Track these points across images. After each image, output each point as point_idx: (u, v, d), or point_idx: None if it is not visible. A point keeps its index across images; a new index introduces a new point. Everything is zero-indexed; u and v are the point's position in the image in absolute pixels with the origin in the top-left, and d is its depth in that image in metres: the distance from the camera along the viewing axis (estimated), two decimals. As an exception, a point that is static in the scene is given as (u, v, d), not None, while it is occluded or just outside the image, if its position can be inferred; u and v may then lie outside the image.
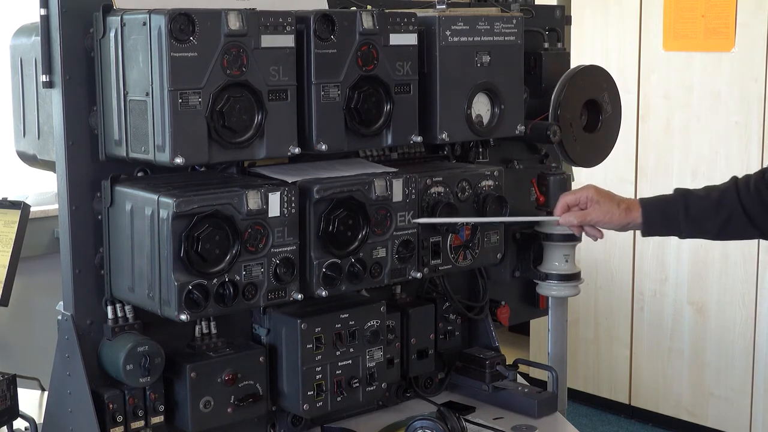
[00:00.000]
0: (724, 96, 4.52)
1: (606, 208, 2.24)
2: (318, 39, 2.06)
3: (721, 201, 2.20)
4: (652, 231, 2.26)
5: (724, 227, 2.21)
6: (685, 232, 2.24)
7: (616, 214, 2.24)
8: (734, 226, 2.21)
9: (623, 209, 2.25)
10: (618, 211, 2.24)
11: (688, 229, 2.23)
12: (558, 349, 2.80)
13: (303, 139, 2.08)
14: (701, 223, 2.22)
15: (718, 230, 2.23)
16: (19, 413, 2.15)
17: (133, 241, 1.96)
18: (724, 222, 2.20)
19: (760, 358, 4.51)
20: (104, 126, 2.01)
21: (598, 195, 2.26)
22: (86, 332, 2.05)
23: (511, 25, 2.41)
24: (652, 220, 2.24)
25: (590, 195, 2.26)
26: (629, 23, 4.81)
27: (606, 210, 2.24)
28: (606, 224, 2.26)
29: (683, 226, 2.22)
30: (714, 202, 2.21)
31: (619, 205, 2.25)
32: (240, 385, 2.12)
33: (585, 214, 2.26)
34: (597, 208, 2.25)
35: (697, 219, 2.21)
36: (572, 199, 2.29)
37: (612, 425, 5.00)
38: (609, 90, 2.73)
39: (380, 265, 2.17)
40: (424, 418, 2.28)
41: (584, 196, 2.27)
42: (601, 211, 2.24)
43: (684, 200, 2.23)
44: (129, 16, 1.92)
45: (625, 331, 4.98)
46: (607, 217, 2.24)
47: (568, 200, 2.30)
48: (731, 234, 2.25)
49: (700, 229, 2.23)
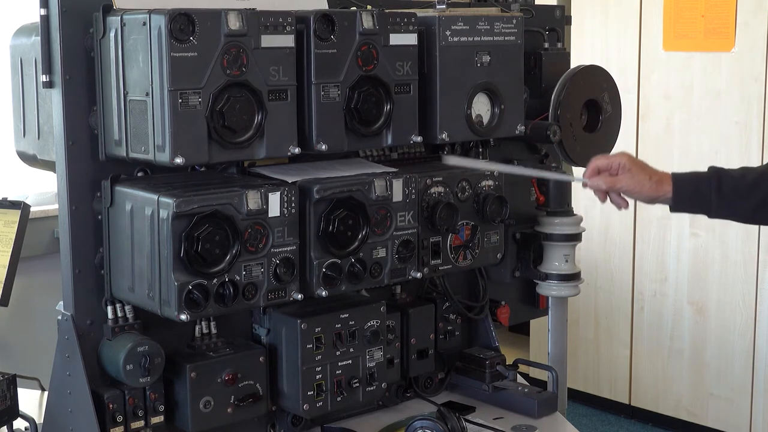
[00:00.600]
0: (724, 96, 4.52)
1: (638, 178, 2.18)
2: (318, 39, 2.06)
3: (757, 184, 2.15)
4: (680, 207, 2.20)
5: (757, 210, 2.16)
6: (715, 211, 2.18)
7: (647, 186, 2.18)
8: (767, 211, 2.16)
9: (655, 181, 2.18)
10: (649, 183, 2.18)
11: (719, 208, 2.17)
12: (558, 349, 2.80)
13: (303, 139, 2.08)
14: (733, 204, 2.16)
15: (751, 213, 2.17)
16: (19, 413, 2.15)
17: (133, 241, 1.96)
18: (758, 205, 2.15)
19: (760, 358, 4.51)
20: (104, 126, 2.01)
21: (631, 163, 2.19)
22: (86, 332, 2.05)
23: (511, 25, 2.41)
24: (683, 195, 2.18)
25: (623, 162, 2.19)
26: (629, 23, 4.81)
27: (638, 180, 2.17)
28: (635, 194, 2.19)
29: (714, 204, 2.17)
30: (749, 183, 2.15)
31: (651, 177, 2.18)
32: (240, 385, 2.12)
33: (615, 181, 2.18)
34: (629, 176, 2.17)
35: (730, 199, 2.15)
36: (604, 163, 2.21)
37: (612, 425, 5.00)
38: (609, 90, 2.73)
39: (380, 265, 2.17)
40: (424, 418, 2.28)
41: (617, 162, 2.19)
42: (633, 181, 2.17)
43: (718, 178, 2.17)
44: (129, 16, 1.92)
45: (625, 331, 4.98)
46: (637, 187, 2.17)
47: (599, 164, 2.21)
48: (763, 219, 2.21)
49: (731, 209, 2.18)
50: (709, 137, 4.57)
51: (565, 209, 2.64)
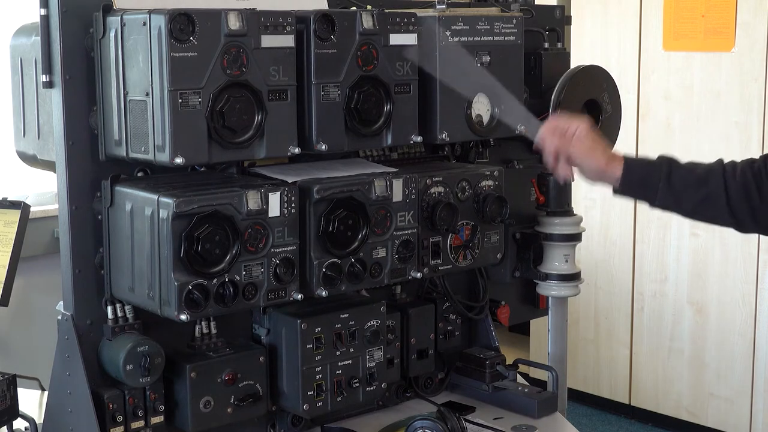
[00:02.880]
0: (724, 96, 4.52)
1: (592, 147, 2.12)
2: (318, 39, 2.06)
3: (705, 178, 2.11)
4: (626, 191, 2.15)
5: (700, 205, 2.12)
6: (660, 200, 2.14)
7: (597, 158, 2.11)
8: (711, 207, 2.12)
9: (607, 156, 2.13)
10: (601, 156, 2.12)
11: (664, 198, 2.13)
12: (558, 349, 2.80)
13: (303, 139, 2.08)
14: (679, 196, 2.12)
15: (694, 207, 2.14)
16: (19, 413, 2.15)
17: (133, 241, 1.96)
18: (702, 200, 2.11)
19: (760, 358, 4.51)
20: (104, 126, 2.01)
21: (587, 132, 2.13)
22: (86, 332, 2.05)
23: (511, 25, 2.41)
24: (631, 179, 2.12)
25: (581, 128, 2.12)
26: (629, 23, 4.81)
27: (591, 150, 2.12)
28: (584, 163, 2.13)
29: (660, 194, 2.12)
30: (698, 177, 2.12)
31: (604, 152, 2.13)
32: (240, 385, 2.12)
33: (568, 144, 2.12)
34: (583, 144, 2.12)
35: (677, 191, 2.12)
36: (563, 124, 2.15)
37: (612, 425, 5.00)
38: (609, 90, 2.73)
39: (380, 265, 2.17)
40: (424, 418, 2.28)
41: (575, 126, 2.13)
42: (585, 149, 2.12)
43: (669, 168, 2.13)
44: (129, 16, 1.92)
45: (625, 331, 4.98)
46: (588, 157, 2.11)
47: (559, 123, 2.16)
48: (705, 214, 2.17)
49: (676, 201, 2.14)
50: (709, 137, 4.57)
51: (565, 209, 2.64)
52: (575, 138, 2.13)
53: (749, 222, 2.13)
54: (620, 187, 2.14)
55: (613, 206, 4.95)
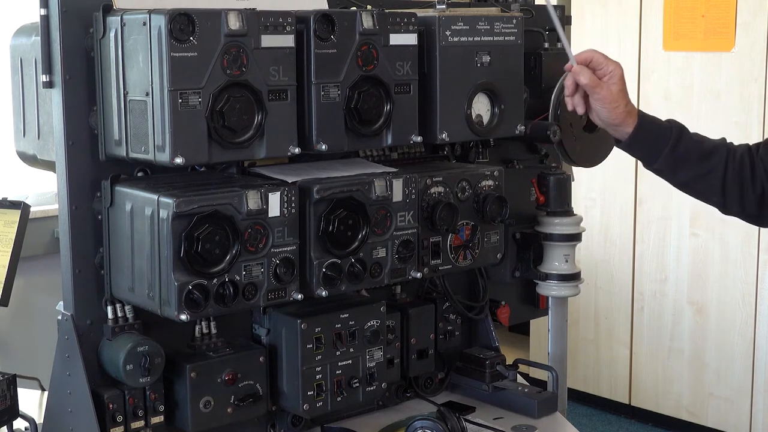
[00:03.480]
0: (724, 96, 4.52)
1: (617, 95, 2.12)
2: (318, 39, 2.06)
3: (710, 153, 2.13)
4: (630, 149, 2.16)
5: (696, 180, 2.14)
6: (658, 165, 2.15)
7: (619, 109, 2.13)
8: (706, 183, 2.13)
9: (626, 111, 2.14)
10: (623, 106, 2.13)
11: (663, 163, 2.14)
12: (558, 349, 2.80)
13: (303, 139, 2.08)
14: (679, 166, 2.13)
15: (689, 180, 2.15)
16: (19, 413, 2.15)
17: (133, 241, 1.96)
18: (701, 175, 2.13)
19: (760, 358, 4.51)
20: (104, 126, 2.01)
21: (619, 79, 2.13)
22: (86, 332, 2.05)
23: (511, 25, 2.41)
24: (640, 139, 2.14)
25: (615, 73, 2.13)
26: (629, 23, 4.82)
27: (616, 98, 2.12)
28: (603, 110, 2.13)
29: (662, 159, 2.14)
30: (702, 152, 2.13)
31: (626, 105, 2.14)
32: (240, 385, 2.12)
33: (598, 83, 2.12)
34: (611, 88, 2.12)
35: (679, 160, 2.13)
36: (599, 60, 2.15)
37: (612, 425, 5.00)
38: (609, 90, 2.72)
39: (380, 265, 2.17)
40: (424, 418, 2.28)
41: (609, 69, 2.14)
42: (611, 95, 2.12)
43: (678, 136, 2.14)
44: (129, 16, 1.92)
45: (625, 331, 4.98)
46: (612, 104, 2.12)
47: (595, 57, 2.16)
48: (696, 189, 2.18)
49: (673, 169, 2.15)
50: (709, 137, 4.57)
51: (565, 209, 2.64)
52: (606, 79, 2.12)
53: (736, 206, 2.16)
54: (626, 143, 2.15)
55: (613, 206, 4.95)
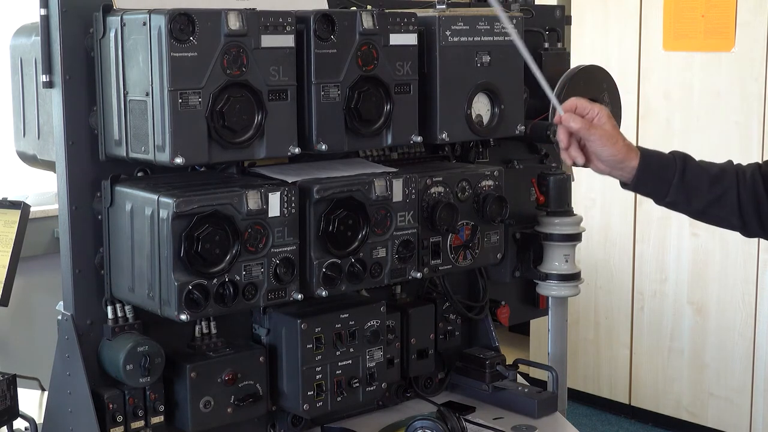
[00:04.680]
0: (724, 96, 4.52)
1: (612, 132, 2.06)
2: (318, 39, 2.06)
3: (720, 177, 2.09)
4: (639, 183, 2.10)
5: (710, 205, 2.09)
6: (670, 197, 2.10)
7: (619, 144, 2.06)
8: (721, 208, 2.09)
9: (626, 145, 2.08)
10: (621, 145, 2.06)
11: (675, 195, 2.09)
12: (558, 349, 2.80)
13: (303, 139, 2.08)
14: (691, 194, 2.09)
15: (704, 207, 2.10)
16: (19, 413, 2.15)
17: (133, 241, 1.96)
18: (715, 199, 2.08)
19: (760, 358, 4.51)
20: (104, 126, 2.01)
21: (608, 118, 2.07)
22: (86, 332, 2.05)
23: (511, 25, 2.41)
24: (646, 173, 2.08)
25: (602, 113, 2.07)
26: (629, 23, 4.81)
27: (611, 136, 2.06)
28: (602, 148, 2.06)
29: (673, 190, 2.09)
30: (712, 176, 2.09)
31: (624, 140, 2.08)
32: (240, 385, 2.12)
33: (590, 126, 2.05)
34: (603, 127, 2.06)
35: (690, 188, 2.08)
36: (584, 105, 2.08)
37: (612, 425, 5.00)
38: (609, 90, 2.73)
39: (380, 265, 2.17)
40: (424, 418, 2.28)
41: (595, 110, 2.07)
42: (606, 133, 2.05)
43: (684, 164, 2.10)
44: (129, 16, 1.92)
45: (625, 331, 4.98)
46: (609, 142, 2.05)
47: (579, 103, 2.09)
48: (713, 215, 2.13)
49: (687, 199, 2.10)
50: (709, 137, 4.57)
51: (565, 209, 2.64)
52: (596, 122, 2.08)
53: (756, 226, 2.12)
54: (633, 181, 2.10)
55: (613, 206, 4.95)
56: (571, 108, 2.09)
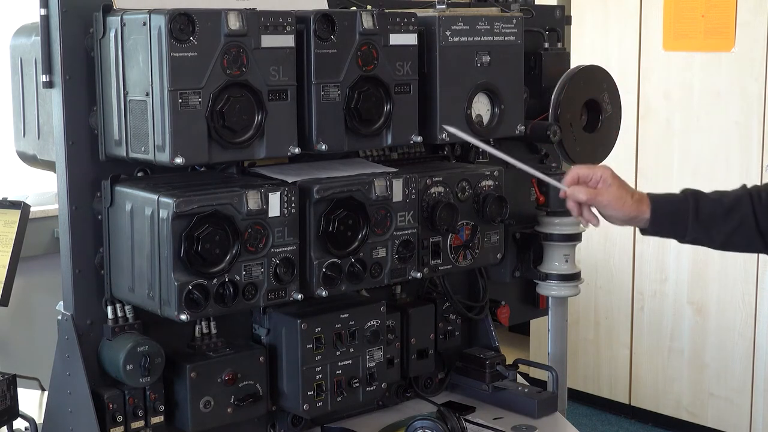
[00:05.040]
0: (724, 96, 4.52)
1: (619, 193, 2.08)
2: (318, 39, 2.06)
3: (733, 207, 2.08)
4: (656, 230, 2.13)
5: (731, 235, 2.09)
6: (690, 236, 2.11)
7: (628, 203, 2.08)
8: (742, 236, 2.09)
9: (636, 200, 2.09)
10: (631, 201, 2.08)
11: (694, 233, 2.10)
12: (558, 349, 2.80)
13: (303, 139, 2.08)
14: (709, 229, 2.09)
15: (725, 238, 2.10)
16: (19, 413, 2.15)
17: (133, 241, 1.96)
18: (732, 230, 2.08)
19: (760, 358, 4.51)
20: (104, 126, 2.01)
21: (612, 178, 2.09)
22: (86, 332, 2.05)
23: (511, 25, 2.41)
24: (661, 218, 2.10)
25: (605, 176, 2.08)
26: (629, 23, 4.81)
27: (618, 196, 2.07)
28: (613, 211, 2.09)
29: (690, 229, 2.09)
30: (726, 207, 2.09)
31: (632, 196, 2.09)
32: (240, 385, 2.12)
33: (596, 194, 2.07)
34: (610, 191, 2.07)
35: (707, 223, 2.09)
36: (585, 173, 2.10)
37: (612, 425, 5.00)
38: (609, 90, 2.73)
39: (380, 265, 2.17)
40: (424, 418, 2.28)
41: (598, 175, 2.09)
42: (613, 196, 2.07)
43: (695, 202, 2.10)
44: (129, 16, 1.92)
45: (625, 331, 4.98)
46: (618, 203, 2.07)
47: (580, 173, 2.11)
48: (736, 244, 2.13)
49: (706, 234, 2.10)
50: (709, 137, 4.57)
51: (565, 209, 2.63)
52: (600, 186, 2.09)
53: None
54: (650, 229, 2.12)
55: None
56: (574, 179, 2.11)
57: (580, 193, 2.09)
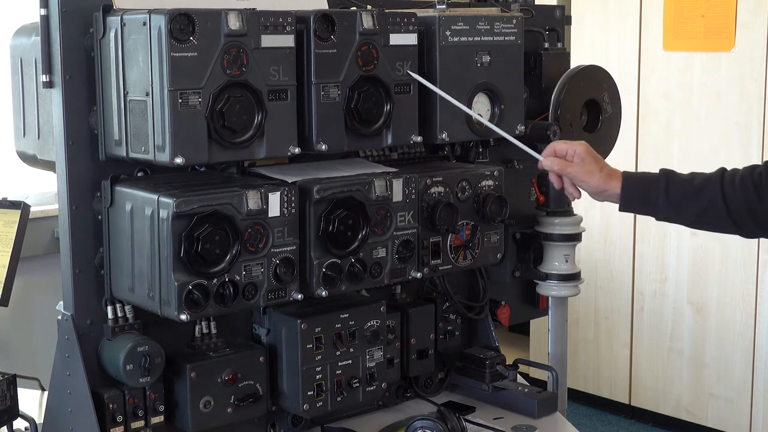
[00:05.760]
0: (724, 96, 4.52)
1: (589, 168, 2.20)
2: (318, 39, 2.06)
3: (703, 188, 2.17)
4: (628, 206, 2.23)
5: (701, 215, 2.18)
6: (662, 213, 2.21)
7: (596, 177, 2.20)
8: (711, 216, 2.17)
9: (605, 174, 2.21)
10: (599, 175, 2.20)
11: (666, 211, 2.20)
12: (558, 349, 2.80)
13: (303, 139, 2.08)
14: (679, 207, 2.18)
15: (695, 218, 2.19)
16: (19, 413, 2.15)
17: (133, 241, 1.96)
18: (701, 210, 2.17)
19: (760, 358, 4.51)
20: (104, 126, 2.01)
21: (585, 153, 2.21)
22: (86, 332, 2.05)
23: (511, 25, 2.41)
24: (631, 195, 2.20)
25: (579, 150, 2.21)
26: (629, 23, 4.81)
27: (588, 170, 2.20)
28: (583, 183, 2.22)
29: (661, 207, 2.19)
30: (696, 188, 2.17)
31: (601, 170, 2.21)
32: (240, 385, 2.12)
33: (566, 165, 2.21)
34: (580, 164, 2.21)
35: (676, 202, 2.18)
36: (562, 148, 2.24)
37: (612, 425, 5.00)
38: (609, 90, 2.73)
39: (380, 265, 2.17)
40: (424, 418, 2.28)
41: (573, 149, 2.22)
42: (583, 169, 2.20)
43: (666, 181, 2.19)
44: (129, 16, 1.92)
45: (625, 331, 4.98)
46: (586, 177, 2.20)
47: (557, 146, 2.25)
48: (707, 223, 2.22)
49: (677, 213, 2.20)
50: (709, 137, 4.57)
51: (565, 209, 2.64)
52: (574, 160, 2.22)
53: (752, 228, 2.18)
54: (622, 204, 2.22)
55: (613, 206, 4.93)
56: (551, 152, 2.25)
57: (553, 164, 2.23)
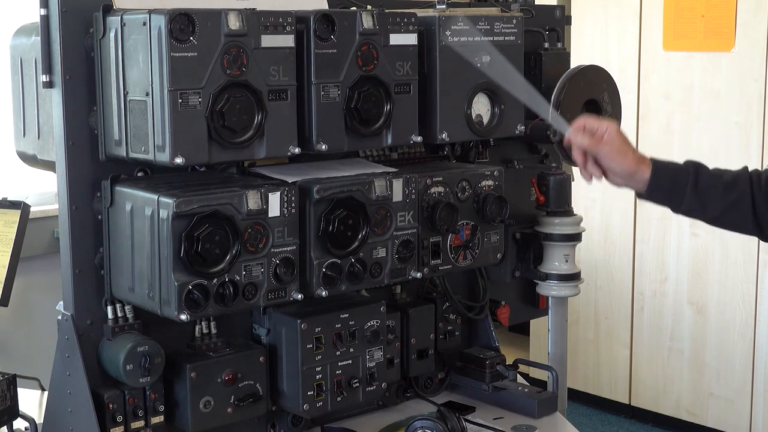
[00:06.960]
0: (724, 96, 4.52)
1: (622, 148, 2.10)
2: (318, 39, 2.06)
3: (733, 183, 2.10)
4: (653, 195, 2.14)
5: (726, 211, 2.11)
6: (686, 205, 2.12)
7: (628, 157, 2.10)
8: (735, 214, 2.10)
9: (637, 157, 2.11)
10: (631, 157, 2.10)
11: (690, 203, 2.11)
12: (558, 349, 2.80)
13: (303, 139, 2.08)
14: (706, 201, 2.10)
15: (720, 213, 2.12)
16: (19, 413, 2.15)
17: (133, 241, 1.96)
18: (728, 206, 2.10)
19: (760, 358, 4.51)
20: (104, 126, 2.01)
21: (617, 133, 2.11)
22: (86, 332, 2.05)
23: (511, 25, 2.41)
24: (659, 182, 2.11)
25: (611, 129, 2.10)
26: (629, 23, 4.81)
27: (621, 150, 2.10)
28: (614, 163, 2.10)
29: (687, 198, 2.11)
30: (725, 183, 2.10)
31: (634, 153, 2.11)
32: (240, 385, 2.12)
33: (599, 143, 2.10)
34: (612, 143, 2.09)
35: (704, 195, 2.10)
36: (592, 124, 2.13)
37: (612, 425, 5.00)
38: (609, 90, 2.73)
39: (380, 265, 2.17)
40: (424, 418, 2.28)
41: (605, 127, 2.11)
42: (617, 149, 2.10)
43: (696, 172, 2.11)
44: (129, 16, 1.92)
45: (625, 331, 4.98)
46: (619, 157, 2.09)
47: (588, 122, 2.14)
48: (730, 221, 2.15)
49: (702, 206, 2.12)
50: (709, 137, 4.57)
51: (565, 209, 2.64)
52: (605, 138, 2.11)
53: None
54: (647, 190, 2.13)
55: (613, 206, 4.95)
56: (580, 127, 2.13)
57: (584, 139, 2.11)
